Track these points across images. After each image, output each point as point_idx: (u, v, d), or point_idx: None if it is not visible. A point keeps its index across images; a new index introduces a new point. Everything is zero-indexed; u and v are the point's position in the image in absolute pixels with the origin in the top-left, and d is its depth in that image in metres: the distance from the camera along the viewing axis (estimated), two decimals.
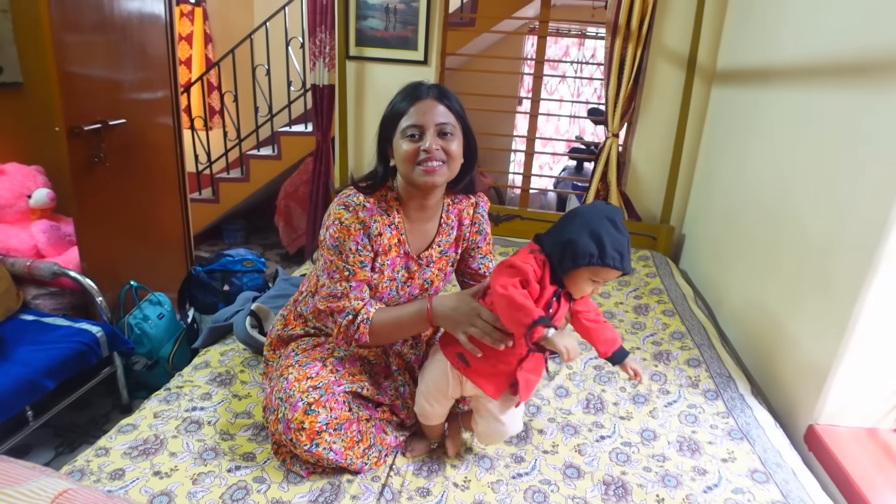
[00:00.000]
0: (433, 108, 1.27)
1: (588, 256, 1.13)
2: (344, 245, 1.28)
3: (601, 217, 1.16)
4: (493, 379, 1.25)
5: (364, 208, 1.29)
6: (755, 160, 2.09)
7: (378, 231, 1.31)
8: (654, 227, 2.81)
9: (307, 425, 1.22)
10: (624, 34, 2.60)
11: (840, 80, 1.60)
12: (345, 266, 1.29)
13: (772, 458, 1.40)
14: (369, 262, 1.32)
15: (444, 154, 1.26)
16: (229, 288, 2.44)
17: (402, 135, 1.27)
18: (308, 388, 1.26)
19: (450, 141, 1.27)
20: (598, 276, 1.17)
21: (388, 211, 1.34)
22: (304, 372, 1.31)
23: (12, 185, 2.22)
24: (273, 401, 1.29)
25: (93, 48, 2.31)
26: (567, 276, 1.17)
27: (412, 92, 1.30)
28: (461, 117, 1.32)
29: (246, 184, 4.26)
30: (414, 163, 1.26)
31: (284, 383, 1.29)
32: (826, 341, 1.49)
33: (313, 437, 1.22)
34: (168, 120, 2.84)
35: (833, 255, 1.51)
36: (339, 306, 1.30)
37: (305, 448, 1.22)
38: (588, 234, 1.13)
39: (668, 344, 1.97)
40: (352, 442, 1.27)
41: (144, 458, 1.30)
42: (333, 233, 1.28)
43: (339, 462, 1.25)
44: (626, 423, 1.54)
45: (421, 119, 1.26)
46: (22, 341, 1.93)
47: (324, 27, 3.28)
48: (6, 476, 0.86)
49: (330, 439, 1.24)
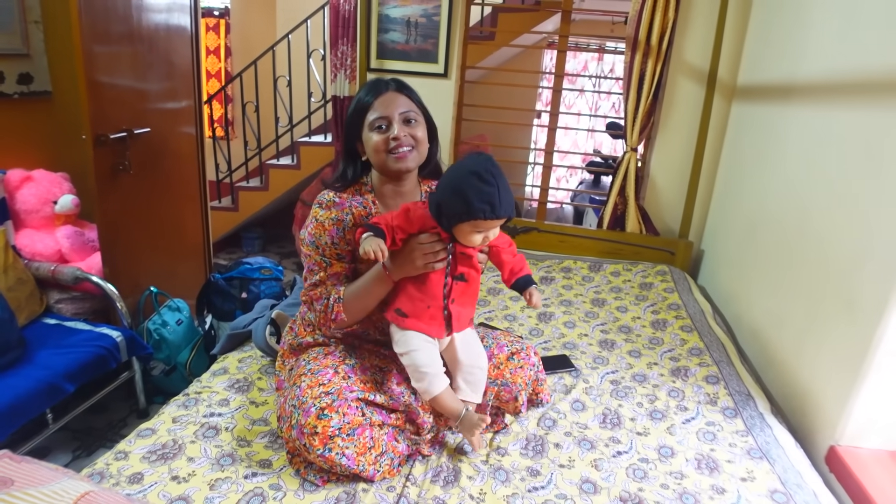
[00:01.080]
0: (395, 99, 1.39)
1: (457, 216, 1.24)
2: (320, 240, 1.38)
3: (465, 173, 1.23)
4: (431, 322, 1.36)
5: (335, 203, 1.40)
6: (776, 176, 2.07)
7: (353, 222, 1.39)
8: (672, 242, 2.79)
9: (320, 430, 1.23)
10: (644, 49, 2.61)
11: (864, 98, 1.59)
12: (321, 258, 1.39)
13: (792, 478, 1.38)
14: (347, 255, 1.40)
15: (412, 140, 1.38)
16: (247, 295, 2.46)
17: (371, 127, 1.37)
18: (320, 394, 1.28)
19: (415, 127, 1.39)
20: (478, 228, 1.27)
21: (364, 204, 1.43)
22: (316, 379, 1.32)
23: (39, 190, 2.27)
24: (286, 409, 1.31)
25: (120, 58, 2.37)
26: (455, 230, 1.28)
27: (373, 88, 1.41)
28: (422, 106, 1.45)
29: (265, 192, 4.31)
30: (385, 151, 1.36)
31: (297, 391, 1.31)
32: (848, 361, 1.46)
33: (326, 442, 1.23)
34: (191, 129, 2.89)
35: (856, 274, 1.49)
36: (316, 294, 1.40)
37: (318, 453, 1.23)
38: (452, 193, 1.23)
39: (686, 360, 1.95)
40: (364, 448, 1.28)
41: (163, 462, 1.31)
42: (311, 230, 1.40)
43: (352, 468, 1.25)
44: (643, 439, 1.53)
45: (385, 111, 1.37)
46: (44, 344, 1.96)
47: (345, 39, 3.32)
48: (31, 477, 0.87)
49: (343, 444, 1.25)
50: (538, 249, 2.90)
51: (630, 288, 2.52)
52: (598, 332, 2.16)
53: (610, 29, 4.64)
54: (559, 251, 2.89)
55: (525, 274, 1.40)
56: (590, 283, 2.57)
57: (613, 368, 1.89)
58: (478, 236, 1.28)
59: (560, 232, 2.94)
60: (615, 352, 2.01)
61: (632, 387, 1.78)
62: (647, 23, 2.56)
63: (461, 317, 1.39)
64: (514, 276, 1.40)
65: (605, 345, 2.06)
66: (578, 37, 5.09)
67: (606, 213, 2.90)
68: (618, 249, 2.84)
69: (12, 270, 2.06)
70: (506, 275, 1.41)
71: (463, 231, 1.28)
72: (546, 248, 2.91)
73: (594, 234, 2.89)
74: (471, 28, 3.03)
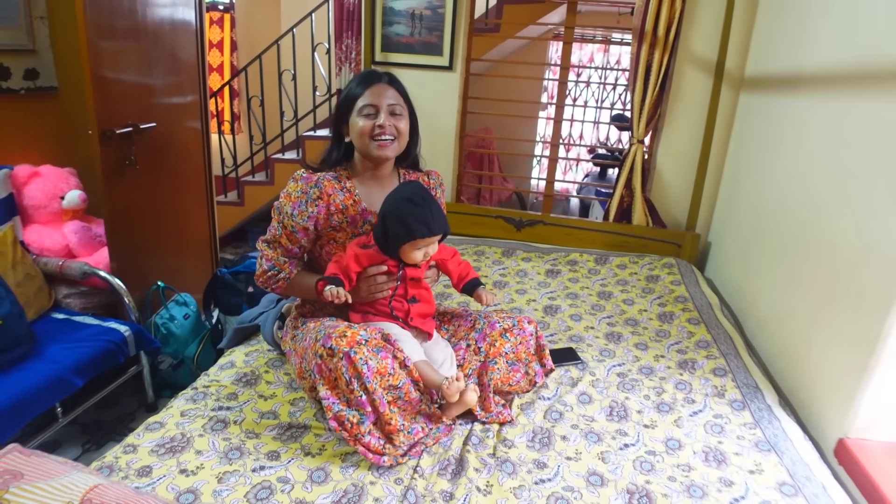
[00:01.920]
0: (385, 90, 1.50)
1: (400, 238, 1.42)
2: (283, 208, 1.51)
3: (400, 201, 1.43)
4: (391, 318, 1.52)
5: (303, 177, 1.51)
6: (784, 168, 2.06)
7: (321, 194, 1.50)
8: (679, 235, 2.78)
9: (349, 334, 1.32)
10: (650, 40, 2.58)
11: (873, 88, 1.57)
12: (279, 225, 1.53)
13: (801, 471, 1.37)
14: (301, 231, 1.51)
15: (395, 130, 1.49)
16: (253, 289, 2.47)
17: (359, 113, 1.48)
18: (348, 326, 1.38)
19: (399, 120, 1.50)
20: (419, 246, 1.44)
21: (339, 179, 1.55)
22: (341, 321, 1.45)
23: (46, 186, 2.28)
24: (311, 338, 1.40)
25: (126, 54, 2.37)
26: (399, 252, 1.45)
27: (367, 77, 1.51)
28: (408, 101, 1.55)
29: (271, 187, 4.32)
30: (369, 137, 1.48)
31: (320, 327, 1.40)
32: (857, 353, 1.45)
33: (352, 345, 1.29)
34: (196, 124, 2.89)
35: (865, 266, 1.48)
36: (269, 254, 1.55)
37: (344, 351, 1.28)
38: (393, 220, 1.42)
39: (693, 353, 1.94)
40: (385, 370, 1.31)
41: (171, 455, 1.32)
42: (282, 198, 1.53)
43: (369, 382, 1.28)
44: (650, 432, 1.52)
45: (375, 100, 1.47)
46: (53, 339, 1.97)
47: (350, 33, 3.32)
48: (41, 470, 0.88)
49: (367, 353, 1.30)
50: (544, 242, 2.89)
51: (637, 280, 2.51)
52: (604, 324, 2.15)
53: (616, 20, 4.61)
54: (565, 244, 2.88)
55: (471, 278, 1.60)
56: (596, 276, 2.56)
57: (620, 361, 1.88)
58: (419, 253, 1.46)
59: (566, 225, 2.93)
60: (622, 344, 2.00)
61: (639, 379, 1.78)
62: (653, 13, 2.54)
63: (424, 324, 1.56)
64: (462, 281, 1.60)
65: (612, 337, 2.05)
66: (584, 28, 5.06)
67: (613, 206, 2.88)
68: (624, 242, 2.83)
69: (21, 266, 2.07)
70: (454, 280, 1.61)
71: (406, 252, 1.45)
72: (552, 241, 2.90)
73: (600, 227, 2.88)
74: (476, 20, 3.01)
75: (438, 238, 1.49)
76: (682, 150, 2.79)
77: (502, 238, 2.95)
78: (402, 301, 1.53)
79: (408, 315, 1.52)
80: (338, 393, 1.33)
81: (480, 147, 4.57)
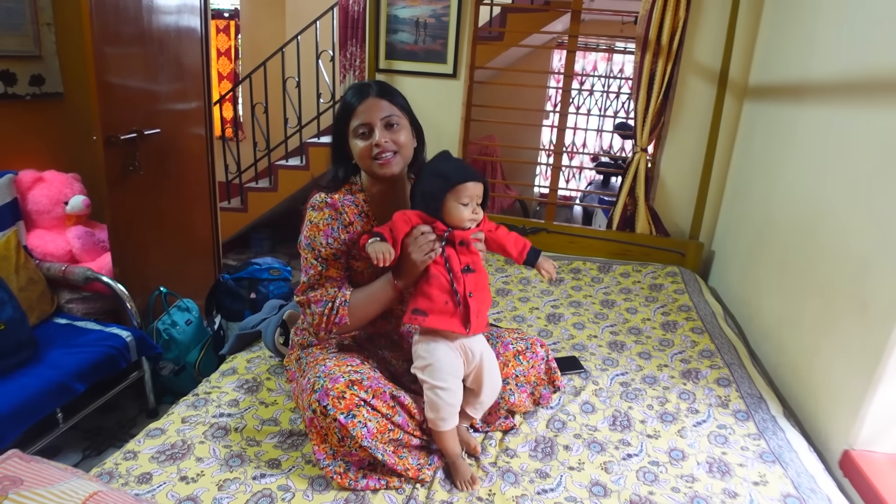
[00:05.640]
0: (376, 105, 1.39)
1: (441, 191, 1.33)
2: (315, 241, 1.39)
3: (432, 163, 1.39)
4: (451, 318, 1.34)
5: (327, 204, 1.41)
6: (788, 177, 2.05)
7: (349, 220, 1.42)
8: (682, 244, 2.77)
9: (348, 396, 1.24)
10: (654, 49, 2.59)
11: (877, 97, 1.57)
12: (318, 261, 1.40)
13: (805, 483, 1.36)
14: (342, 255, 1.41)
15: (394, 145, 1.38)
16: (256, 296, 2.46)
17: (354, 134, 1.40)
18: (350, 370, 1.29)
19: (397, 132, 1.39)
20: (461, 198, 1.33)
21: (355, 202, 1.46)
22: (343, 360, 1.34)
23: (50, 191, 2.28)
24: (309, 379, 1.30)
25: (131, 60, 2.38)
26: (443, 213, 1.35)
27: (356, 93, 1.41)
28: (405, 108, 1.44)
29: (274, 193, 4.32)
30: (370, 158, 1.38)
31: (322, 367, 1.31)
32: (862, 363, 1.44)
33: (351, 408, 1.23)
34: (201, 130, 2.90)
35: (869, 276, 1.47)
36: (316, 296, 1.40)
37: (340, 417, 1.21)
38: (430, 178, 1.35)
39: (696, 362, 1.93)
40: (385, 428, 1.27)
41: (171, 462, 1.31)
42: (306, 233, 1.41)
43: (367, 444, 1.23)
44: (653, 442, 1.51)
45: (367, 117, 1.38)
46: (55, 344, 1.97)
47: (354, 41, 3.33)
48: (41, 477, 0.87)
49: (367, 416, 1.24)
50: (547, 250, 2.88)
51: (640, 289, 2.50)
52: (607, 333, 2.14)
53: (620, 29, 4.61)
54: (568, 252, 2.88)
55: (530, 248, 1.46)
56: (599, 285, 2.55)
57: (623, 370, 1.87)
58: (465, 209, 1.34)
59: (569, 233, 2.92)
60: (625, 353, 1.99)
61: (642, 389, 1.77)
62: (657, 22, 2.54)
63: (479, 312, 1.38)
64: (523, 252, 1.45)
65: (615, 346, 2.04)
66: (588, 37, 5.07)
67: (616, 214, 2.88)
68: (627, 250, 2.82)
69: (24, 270, 2.07)
70: (514, 252, 1.46)
71: (449, 207, 1.34)
72: (555, 249, 2.89)
73: (604, 235, 2.88)
74: (480, 28, 3.02)
75: (482, 190, 1.37)
76: (685, 159, 2.79)
77: None
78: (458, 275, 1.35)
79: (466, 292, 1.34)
80: (326, 448, 1.27)
81: (484, 155, 4.57)
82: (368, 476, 1.28)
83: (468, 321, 1.34)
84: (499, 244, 1.46)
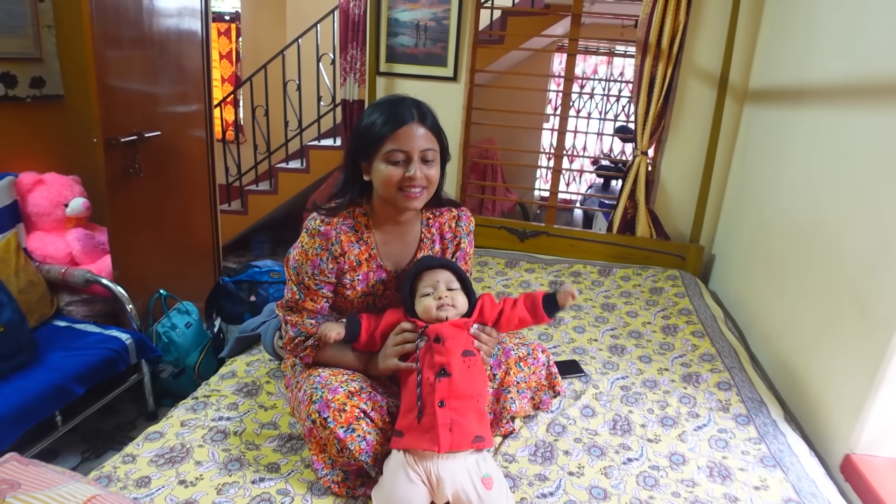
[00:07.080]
0: (417, 131, 1.29)
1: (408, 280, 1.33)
2: (301, 268, 1.35)
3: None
4: (426, 433, 1.17)
5: (320, 233, 1.34)
6: (788, 180, 2.05)
7: (342, 251, 1.36)
8: (683, 247, 2.77)
9: (348, 408, 1.22)
10: (654, 52, 2.59)
11: (877, 101, 1.57)
12: (299, 288, 1.36)
13: (806, 487, 1.35)
14: (326, 285, 1.37)
15: (426, 181, 1.31)
16: (255, 299, 2.46)
17: (385, 158, 1.29)
18: (346, 379, 1.28)
19: (431, 167, 1.32)
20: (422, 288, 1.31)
21: (355, 228, 1.38)
22: (336, 370, 1.33)
23: (50, 193, 2.28)
24: (306, 391, 1.28)
25: (131, 63, 2.38)
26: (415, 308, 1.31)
27: (395, 115, 1.29)
28: (440, 137, 1.36)
29: (274, 196, 4.32)
30: (397, 187, 1.29)
31: (318, 378, 1.29)
32: (863, 367, 1.44)
33: (351, 422, 1.21)
34: (201, 133, 2.90)
35: (870, 279, 1.47)
36: (293, 320, 1.37)
37: (339, 430, 1.19)
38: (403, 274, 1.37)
39: (697, 366, 1.93)
40: (384, 439, 1.25)
41: (170, 466, 1.31)
42: (296, 255, 1.36)
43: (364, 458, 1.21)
44: (653, 446, 1.51)
45: (406, 145, 1.28)
46: (54, 347, 1.97)
47: (355, 44, 3.33)
48: (39, 480, 0.87)
49: (367, 429, 1.23)
50: (547, 253, 2.89)
51: (640, 293, 2.50)
52: (607, 337, 2.14)
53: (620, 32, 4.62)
54: (569, 255, 2.88)
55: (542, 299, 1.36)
56: (599, 288, 2.55)
57: (624, 374, 1.87)
58: (427, 300, 1.30)
59: (569, 236, 2.92)
60: (625, 357, 1.99)
61: (642, 393, 1.76)
62: (657, 26, 2.54)
63: (458, 427, 1.17)
64: (535, 308, 1.36)
65: (616, 350, 2.04)
66: (588, 40, 5.07)
67: (616, 218, 2.88)
68: (628, 254, 2.82)
69: (24, 273, 2.07)
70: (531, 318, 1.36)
71: (417, 304, 1.31)
72: (555, 253, 2.89)
73: (604, 239, 2.88)
74: (480, 31, 3.02)
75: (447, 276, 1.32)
76: (685, 162, 2.79)
77: (505, 249, 2.94)
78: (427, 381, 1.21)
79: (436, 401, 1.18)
80: (324, 458, 1.26)
81: (484, 158, 4.57)
82: (367, 484, 1.27)
83: (436, 438, 1.15)
84: (513, 322, 1.37)
